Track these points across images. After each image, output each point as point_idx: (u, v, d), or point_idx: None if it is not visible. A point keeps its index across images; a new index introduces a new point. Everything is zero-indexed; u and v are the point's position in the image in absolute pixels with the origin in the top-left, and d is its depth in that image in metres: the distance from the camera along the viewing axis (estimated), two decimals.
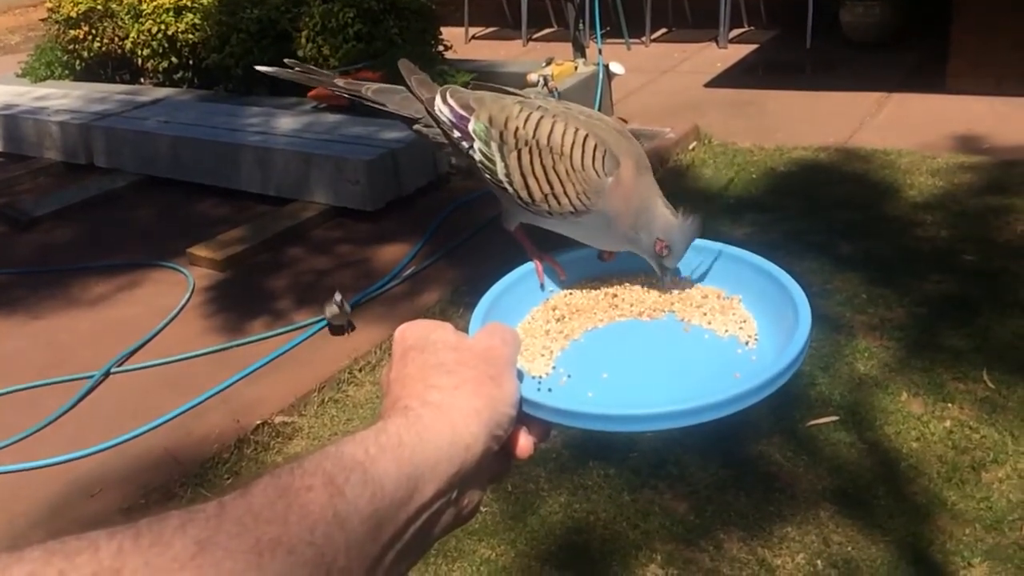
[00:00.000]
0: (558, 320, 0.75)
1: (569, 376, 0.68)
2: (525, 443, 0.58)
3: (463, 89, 0.81)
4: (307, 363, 2.85)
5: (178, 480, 2.36)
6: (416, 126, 0.83)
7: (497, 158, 0.77)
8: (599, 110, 4.77)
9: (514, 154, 0.76)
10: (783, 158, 4.17)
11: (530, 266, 0.79)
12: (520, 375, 0.58)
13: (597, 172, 0.73)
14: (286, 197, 4.12)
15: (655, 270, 0.77)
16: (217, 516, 0.37)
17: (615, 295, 0.78)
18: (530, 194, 0.76)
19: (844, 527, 2.02)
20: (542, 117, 0.76)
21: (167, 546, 0.34)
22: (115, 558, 0.33)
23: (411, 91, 0.82)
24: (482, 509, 2.21)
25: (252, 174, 4.23)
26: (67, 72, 5.93)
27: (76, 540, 0.33)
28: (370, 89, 0.82)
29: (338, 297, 2.90)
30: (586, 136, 0.74)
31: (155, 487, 2.34)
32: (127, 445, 2.53)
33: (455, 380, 0.52)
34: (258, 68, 0.88)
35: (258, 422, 2.55)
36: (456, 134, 0.79)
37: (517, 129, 0.76)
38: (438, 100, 0.80)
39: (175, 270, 3.62)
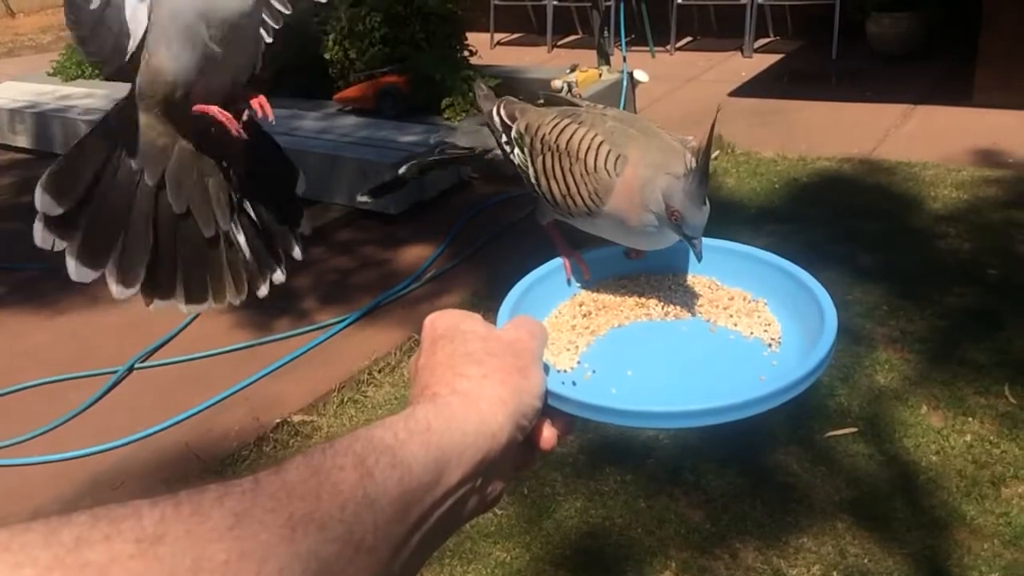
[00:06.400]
0: (585, 316, 0.76)
1: (594, 371, 0.69)
2: (549, 435, 0.59)
3: (516, 100, 0.89)
4: (327, 363, 2.88)
5: (198, 475, 2.39)
6: (488, 155, 0.92)
7: (529, 162, 0.82)
8: None
9: (540, 158, 0.81)
10: (806, 168, 4.16)
11: (558, 261, 0.80)
12: (546, 368, 0.59)
13: (608, 172, 0.76)
14: (309, 198, 4.14)
15: (688, 246, 0.73)
16: (253, 491, 0.38)
17: (642, 293, 0.79)
18: (552, 195, 0.80)
19: (861, 539, 2.01)
20: (567, 124, 0.80)
21: (206, 516, 0.36)
22: (157, 525, 0.34)
23: (476, 103, 0.94)
24: (497, 512, 2.22)
25: None
26: (97, 72, 6.01)
27: (120, 507, 0.35)
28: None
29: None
30: (601, 141, 0.77)
31: (176, 481, 2.37)
32: (149, 439, 2.56)
33: (483, 370, 0.53)
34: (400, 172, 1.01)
35: (277, 420, 2.58)
36: (504, 139, 0.87)
37: (544, 135, 0.81)
38: (494, 110, 0.88)
39: None
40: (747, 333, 0.73)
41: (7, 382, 2.92)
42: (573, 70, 4.79)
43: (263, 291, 1.13)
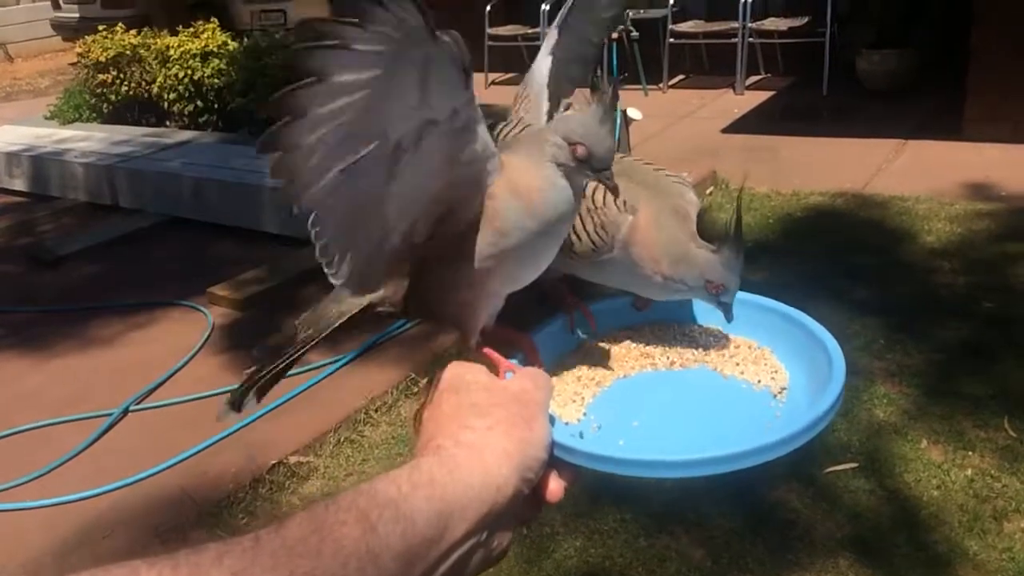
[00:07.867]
0: (590, 367, 0.76)
1: (600, 423, 0.69)
2: (555, 487, 0.58)
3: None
4: (323, 403, 2.86)
5: (193, 520, 2.36)
6: None
7: None
8: None
9: None
10: (800, 203, 4.19)
11: (563, 314, 0.80)
12: (552, 420, 0.59)
13: (618, 207, 0.77)
14: (305, 239, 4.15)
15: (718, 309, 0.77)
16: (253, 549, 0.38)
17: (647, 344, 0.79)
18: None
19: None
20: None
21: None
22: None
23: None
24: None
25: (272, 216, 4.29)
26: (95, 115, 6.06)
27: (118, 568, 0.34)
28: None
29: None
30: None
31: (170, 527, 2.34)
32: (144, 483, 2.54)
33: (488, 421, 0.53)
34: None
35: (273, 462, 2.55)
36: None
37: None
38: None
39: (195, 309, 3.66)
40: (754, 381, 0.72)
41: (0, 426, 2.89)
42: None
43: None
